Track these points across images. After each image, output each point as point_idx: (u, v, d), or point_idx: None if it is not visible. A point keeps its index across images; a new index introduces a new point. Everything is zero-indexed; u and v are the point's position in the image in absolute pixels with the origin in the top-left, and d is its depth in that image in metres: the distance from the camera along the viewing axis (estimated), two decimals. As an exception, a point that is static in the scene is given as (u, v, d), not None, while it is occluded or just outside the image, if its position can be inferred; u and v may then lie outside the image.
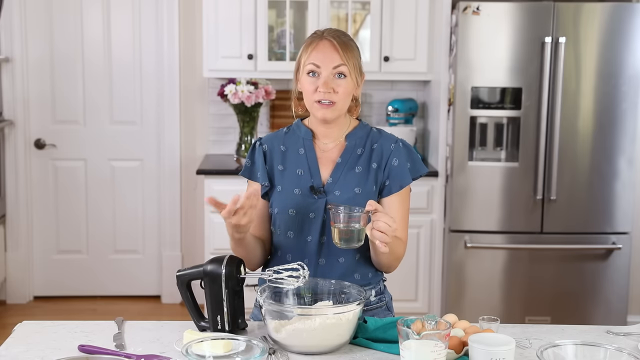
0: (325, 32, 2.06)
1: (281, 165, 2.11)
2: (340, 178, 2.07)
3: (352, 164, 2.08)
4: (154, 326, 1.93)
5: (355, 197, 2.04)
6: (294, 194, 2.06)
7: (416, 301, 4.32)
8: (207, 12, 4.31)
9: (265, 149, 2.13)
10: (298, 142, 2.12)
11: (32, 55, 4.62)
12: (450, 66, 4.13)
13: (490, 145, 4.12)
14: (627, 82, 4.00)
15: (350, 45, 2.05)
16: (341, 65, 2.01)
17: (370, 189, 2.07)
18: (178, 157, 4.70)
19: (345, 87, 2.02)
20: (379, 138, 2.12)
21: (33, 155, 4.71)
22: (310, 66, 2.02)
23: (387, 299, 2.17)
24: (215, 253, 3.13)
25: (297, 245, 2.07)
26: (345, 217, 1.87)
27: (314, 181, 2.07)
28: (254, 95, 4.31)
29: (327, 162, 2.10)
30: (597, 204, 4.08)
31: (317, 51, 2.03)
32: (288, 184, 2.08)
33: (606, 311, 4.14)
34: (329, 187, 2.06)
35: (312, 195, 2.05)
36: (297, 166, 2.09)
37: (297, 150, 2.11)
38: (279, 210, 2.07)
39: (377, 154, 2.09)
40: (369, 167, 2.08)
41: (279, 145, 2.13)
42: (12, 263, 4.72)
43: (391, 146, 2.10)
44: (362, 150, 2.10)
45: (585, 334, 1.92)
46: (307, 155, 2.10)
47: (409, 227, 4.20)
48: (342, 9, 4.42)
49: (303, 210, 2.05)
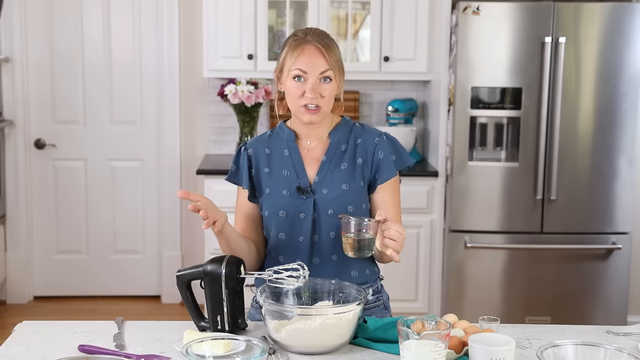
0: (308, 35, 2.05)
1: (267, 168, 2.11)
2: (326, 176, 2.07)
3: (338, 160, 2.09)
4: (154, 326, 1.93)
5: (343, 194, 2.05)
6: (282, 195, 2.07)
7: (416, 301, 4.32)
8: (207, 12, 4.31)
9: (250, 154, 2.13)
10: (282, 144, 2.13)
11: (32, 55, 4.62)
12: (450, 66, 4.13)
13: (490, 145, 4.12)
14: (627, 82, 4.00)
15: (333, 47, 2.05)
16: (328, 70, 2.02)
17: (358, 184, 2.07)
18: (178, 157, 4.70)
19: (330, 91, 2.03)
20: (362, 133, 2.12)
21: (33, 155, 4.71)
22: (296, 71, 2.02)
23: (384, 298, 2.17)
24: (215, 253, 3.12)
25: (289, 246, 2.07)
26: (356, 227, 1.88)
27: (301, 181, 2.08)
28: (254, 95, 4.31)
29: (312, 161, 2.10)
30: (597, 204, 4.08)
31: (303, 56, 2.02)
32: (275, 186, 2.09)
33: (606, 311, 4.14)
34: (316, 186, 2.07)
35: (299, 196, 2.06)
36: (283, 168, 2.10)
37: (282, 151, 2.12)
38: (269, 212, 2.08)
39: (362, 149, 2.10)
40: (355, 163, 2.09)
41: (264, 148, 2.14)
42: (12, 263, 4.72)
43: (375, 140, 2.10)
44: (346, 146, 2.11)
45: (585, 334, 1.92)
46: (292, 156, 2.10)
47: (409, 228, 4.24)
48: (342, 9, 4.42)
49: (293, 211, 2.06)
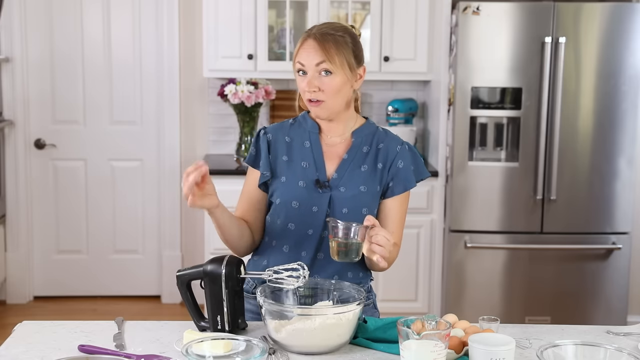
0: (314, 29, 2.04)
1: (286, 156, 2.09)
2: (345, 174, 2.07)
3: (359, 161, 2.08)
4: (154, 326, 1.92)
5: (360, 195, 2.04)
6: (298, 186, 2.06)
7: (416, 301, 4.32)
8: (207, 12, 4.31)
9: (269, 139, 2.11)
10: (304, 134, 2.11)
11: (32, 55, 4.62)
12: (450, 66, 4.13)
13: (490, 145, 4.12)
14: (627, 82, 4.00)
15: (337, 41, 2.00)
16: (323, 63, 1.98)
17: (375, 188, 2.07)
18: (178, 157, 4.70)
19: (332, 85, 1.99)
20: (385, 138, 2.12)
21: (33, 155, 4.71)
22: (297, 65, 2.02)
23: (373, 298, 2.19)
24: (215, 253, 3.12)
25: (296, 237, 2.06)
26: (344, 231, 1.86)
27: (319, 175, 2.06)
28: (254, 95, 4.31)
29: (332, 157, 2.09)
30: (597, 204, 4.08)
31: (302, 49, 2.02)
32: (293, 175, 2.07)
33: (606, 311, 4.14)
34: (334, 182, 2.06)
35: (316, 189, 2.05)
36: (302, 158, 2.08)
37: (303, 142, 2.10)
38: (281, 200, 2.06)
39: (383, 154, 2.09)
40: (375, 167, 2.08)
41: (284, 136, 2.12)
42: (12, 263, 4.72)
43: (397, 148, 2.10)
44: (368, 148, 2.10)
45: (585, 334, 1.92)
46: (313, 149, 2.09)
47: (409, 228, 4.24)
48: (342, 9, 4.42)
49: (306, 203, 2.04)
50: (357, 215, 2.01)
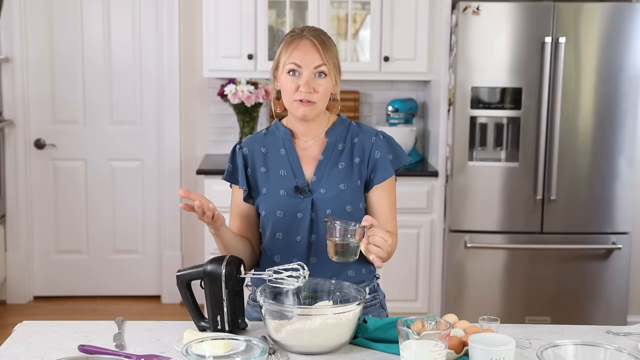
0: (305, 31, 2.06)
1: (264, 167, 2.10)
2: (324, 175, 2.07)
3: (335, 160, 2.09)
4: (154, 326, 1.93)
5: (341, 194, 2.05)
6: (279, 195, 2.07)
7: (416, 301, 4.32)
8: (207, 12, 4.31)
9: (245, 152, 2.12)
10: (278, 142, 2.12)
11: (32, 55, 4.62)
12: (450, 66, 4.13)
13: (490, 145, 4.12)
14: (627, 82, 4.00)
15: (329, 45, 2.05)
16: (322, 65, 2.01)
17: (355, 184, 2.07)
18: (178, 157, 4.70)
19: (325, 87, 2.03)
20: (359, 132, 2.13)
21: (33, 155, 4.71)
22: (291, 65, 2.02)
23: (380, 297, 2.18)
24: (215, 253, 3.12)
25: (286, 246, 2.07)
26: (341, 231, 1.87)
27: (298, 181, 2.07)
28: (254, 95, 4.31)
29: (309, 160, 2.10)
30: (597, 204, 4.08)
31: (298, 50, 2.02)
32: (273, 185, 2.08)
33: (606, 311, 4.14)
34: (313, 185, 2.07)
35: (297, 195, 2.06)
36: (280, 167, 2.09)
37: (278, 151, 2.11)
38: (266, 212, 2.08)
39: (359, 148, 2.10)
40: (352, 162, 2.09)
41: (259, 147, 2.13)
42: (12, 263, 4.72)
43: (372, 139, 2.10)
44: (343, 145, 2.10)
45: (585, 334, 1.92)
46: (289, 155, 2.10)
47: (409, 228, 4.24)
48: (342, 9, 4.42)
49: (290, 211, 2.05)
50: (342, 213, 2.02)
